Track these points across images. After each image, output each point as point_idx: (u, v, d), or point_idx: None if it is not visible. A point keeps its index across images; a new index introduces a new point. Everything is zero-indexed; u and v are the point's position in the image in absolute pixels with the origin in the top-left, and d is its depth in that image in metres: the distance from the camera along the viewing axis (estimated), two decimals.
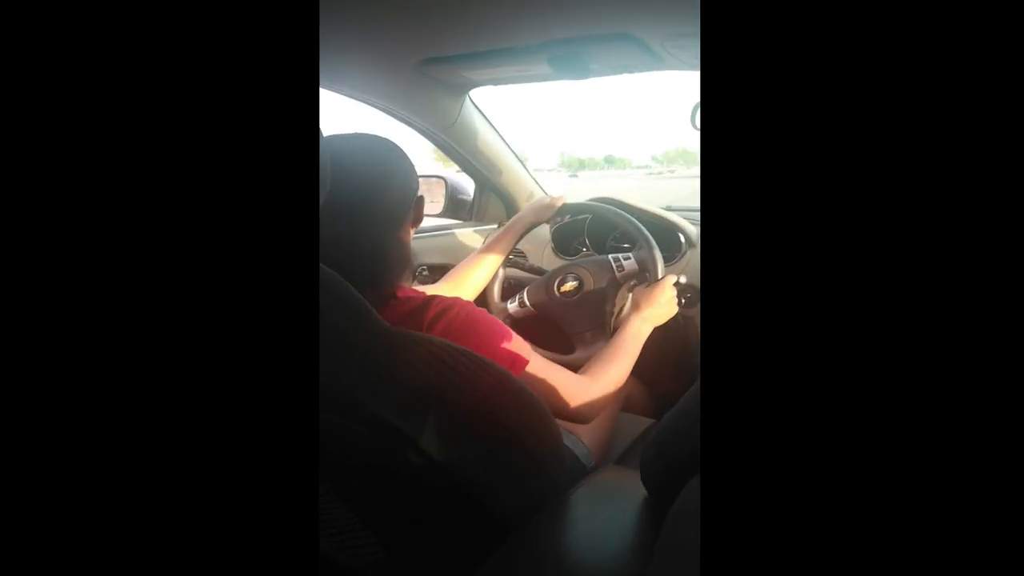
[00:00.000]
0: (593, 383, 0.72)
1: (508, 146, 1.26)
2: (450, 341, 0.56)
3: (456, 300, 0.63)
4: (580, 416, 0.70)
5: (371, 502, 0.55)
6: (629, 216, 0.98)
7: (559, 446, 0.61)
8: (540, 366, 0.66)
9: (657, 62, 0.75)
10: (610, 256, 1.00)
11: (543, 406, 0.57)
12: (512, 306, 1.07)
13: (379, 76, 0.93)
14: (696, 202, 1.32)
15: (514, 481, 0.55)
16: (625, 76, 0.81)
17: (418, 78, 0.93)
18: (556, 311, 1.04)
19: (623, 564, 0.48)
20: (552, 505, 0.56)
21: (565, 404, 0.68)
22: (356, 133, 0.66)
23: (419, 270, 1.27)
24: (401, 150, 0.66)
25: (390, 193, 0.64)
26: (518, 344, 0.65)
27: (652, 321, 0.86)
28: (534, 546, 0.51)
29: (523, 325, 1.08)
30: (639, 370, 1.09)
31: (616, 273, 0.99)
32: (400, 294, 0.64)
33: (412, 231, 0.69)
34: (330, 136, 0.65)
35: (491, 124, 1.19)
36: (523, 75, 0.85)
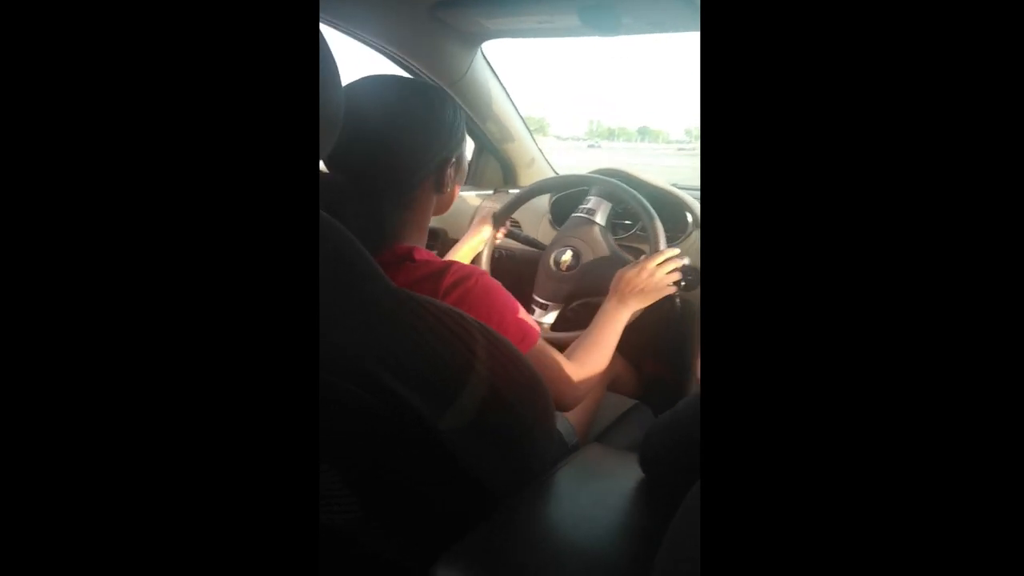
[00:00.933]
0: (579, 371, 0.70)
1: (515, 109, 1.21)
2: (463, 310, 0.54)
3: (474, 269, 0.60)
4: (564, 403, 0.68)
5: (357, 463, 0.52)
6: (630, 189, 0.95)
7: (551, 420, 0.59)
8: (543, 348, 0.64)
9: (697, 20, 0.70)
10: (575, 213, 0.98)
11: (540, 379, 0.55)
12: (547, 320, 1.03)
13: (389, 16, 0.86)
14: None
15: (503, 450, 0.53)
16: (661, 35, 0.76)
17: (430, 22, 0.87)
18: (565, 289, 1.00)
19: (609, 543, 0.48)
20: (539, 481, 0.56)
21: (560, 391, 0.66)
22: (385, 75, 0.61)
23: None
24: (435, 96, 0.61)
25: (404, 146, 0.59)
26: (529, 319, 0.62)
27: (631, 306, 0.82)
28: (520, 521, 0.51)
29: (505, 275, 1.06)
30: (627, 351, 1.07)
31: (589, 218, 0.97)
32: (418, 256, 0.60)
33: (438, 196, 0.64)
34: (355, 81, 0.59)
35: (501, 83, 1.13)
36: (546, 27, 0.80)
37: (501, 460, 0.54)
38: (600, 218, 0.99)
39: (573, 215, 1.02)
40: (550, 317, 1.02)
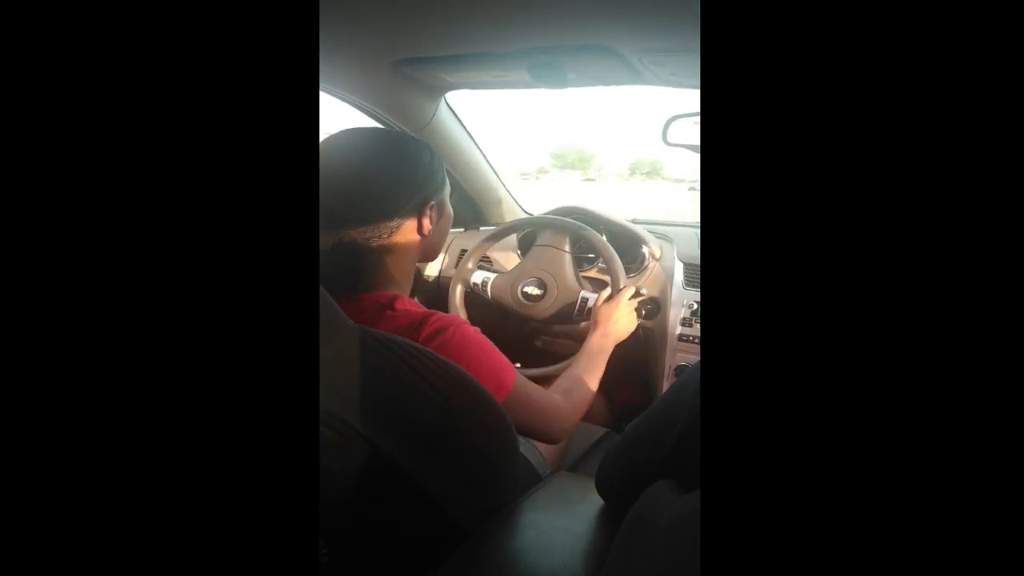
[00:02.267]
0: (565, 404, 0.72)
1: (480, 151, 1.26)
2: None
3: (453, 319, 0.61)
4: (553, 437, 0.70)
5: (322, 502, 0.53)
6: (587, 227, 1.01)
7: (515, 455, 0.61)
8: (523, 387, 0.66)
9: (634, 75, 0.77)
10: (581, 293, 1.02)
11: (503, 413, 0.57)
12: (477, 279, 1.07)
13: (356, 73, 0.92)
14: (660, 215, 1.37)
15: (468, 488, 0.55)
16: (602, 88, 0.83)
17: (394, 77, 0.92)
18: (515, 313, 1.05)
19: (572, 568, 0.48)
20: (506, 511, 0.57)
21: (542, 426, 0.68)
22: (353, 128, 0.63)
23: None
24: (404, 143, 0.63)
25: (379, 193, 0.61)
26: (506, 367, 0.64)
27: (613, 338, 0.88)
28: (486, 551, 0.51)
29: (476, 308, 1.09)
30: (600, 381, 1.11)
31: (580, 302, 1.01)
32: (399, 306, 0.61)
33: (423, 238, 0.65)
34: (330, 136, 0.62)
35: (465, 128, 1.19)
36: (501, 80, 0.86)
37: (467, 494, 0.55)
38: (568, 247, 1.05)
39: (538, 245, 1.07)
40: (479, 288, 1.08)
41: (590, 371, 0.81)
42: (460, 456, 0.53)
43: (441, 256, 1.32)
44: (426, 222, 0.64)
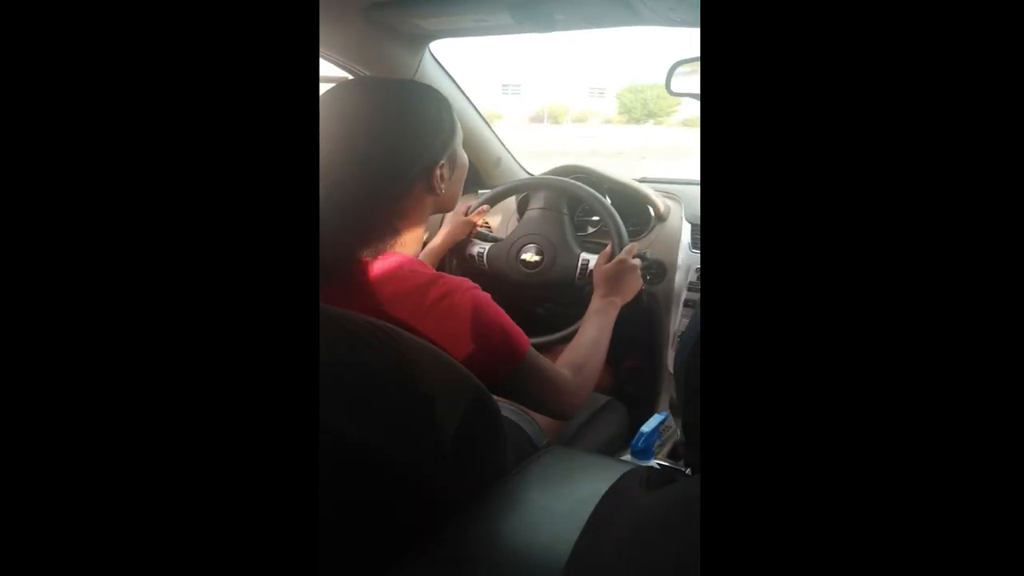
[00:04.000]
0: (575, 379, 0.68)
1: (473, 106, 1.18)
2: (450, 323, 0.55)
3: (463, 282, 0.58)
4: (564, 413, 0.67)
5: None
6: (587, 188, 0.93)
7: (498, 428, 0.58)
8: (535, 359, 0.62)
9: (630, 15, 0.67)
10: (581, 255, 0.95)
11: (482, 388, 0.54)
12: (474, 250, 1.02)
13: (325, 22, 0.84)
14: (671, 174, 1.27)
15: (446, 464, 0.53)
16: (595, 30, 0.74)
17: (369, 26, 0.84)
18: (515, 281, 0.99)
19: (555, 547, 0.47)
20: (496, 485, 0.55)
21: (552, 401, 0.65)
22: (357, 80, 0.63)
23: None
24: (413, 102, 0.58)
25: (384, 149, 0.57)
26: (519, 336, 0.61)
27: (617, 303, 0.82)
28: (473, 530, 0.50)
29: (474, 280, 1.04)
30: None
31: (580, 266, 0.94)
32: (408, 267, 0.58)
33: (432, 199, 0.61)
34: (328, 90, 0.58)
35: (454, 81, 1.10)
36: (482, 26, 0.78)
37: (450, 472, 0.53)
38: (565, 209, 0.98)
39: (532, 208, 1.00)
40: (474, 258, 1.03)
41: (596, 339, 0.76)
42: (434, 433, 0.51)
43: (439, 222, 1.26)
44: (436, 181, 0.60)
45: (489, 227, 1.18)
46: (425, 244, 0.99)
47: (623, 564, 0.30)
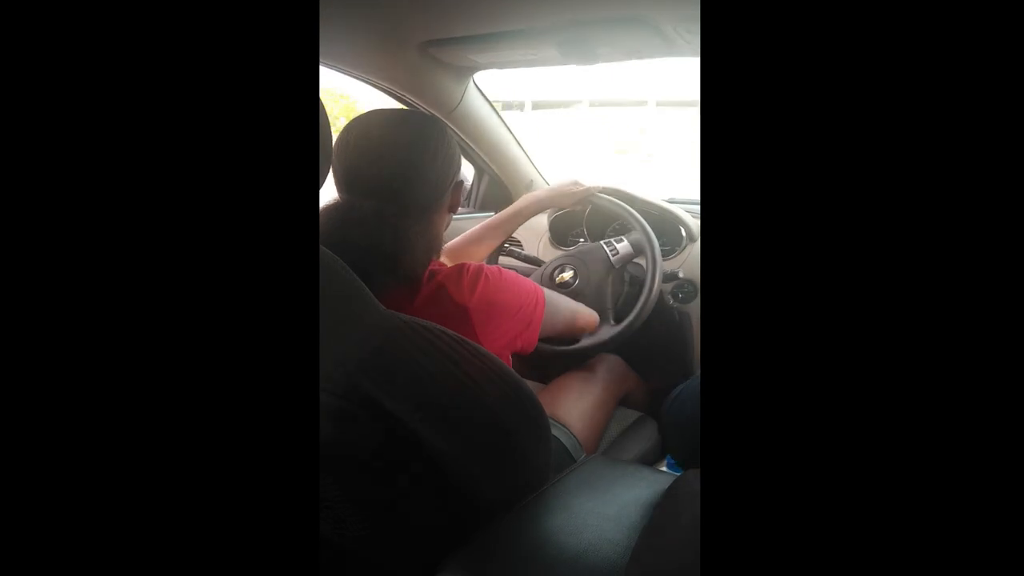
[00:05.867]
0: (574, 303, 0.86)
1: (511, 132, 1.24)
2: (491, 299, 0.62)
3: (480, 265, 0.66)
4: (589, 325, 0.86)
5: (356, 481, 0.54)
6: (624, 204, 0.97)
7: (547, 438, 0.61)
8: (551, 297, 0.76)
9: (668, 47, 0.73)
10: (602, 242, 0.99)
11: (534, 398, 0.57)
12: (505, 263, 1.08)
13: (381, 56, 0.91)
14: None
15: (497, 472, 0.55)
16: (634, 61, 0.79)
17: (422, 59, 0.91)
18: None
19: (599, 549, 0.48)
20: (536, 493, 0.57)
21: (576, 321, 0.82)
22: (396, 109, 0.68)
23: None
24: (443, 130, 0.66)
25: (422, 176, 0.64)
26: (532, 285, 0.71)
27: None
28: (513, 531, 0.52)
29: None
30: (638, 365, 1.09)
31: (611, 257, 0.98)
32: (434, 268, 0.65)
33: (448, 216, 0.70)
34: (372, 111, 0.65)
35: (494, 109, 1.17)
36: (530, 59, 0.84)
37: (495, 476, 0.55)
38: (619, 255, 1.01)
39: (595, 244, 1.03)
40: None
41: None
42: (490, 440, 0.53)
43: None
44: (457, 199, 0.70)
45: (519, 243, 1.22)
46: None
47: (689, 561, 0.31)
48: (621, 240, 0.98)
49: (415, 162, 0.63)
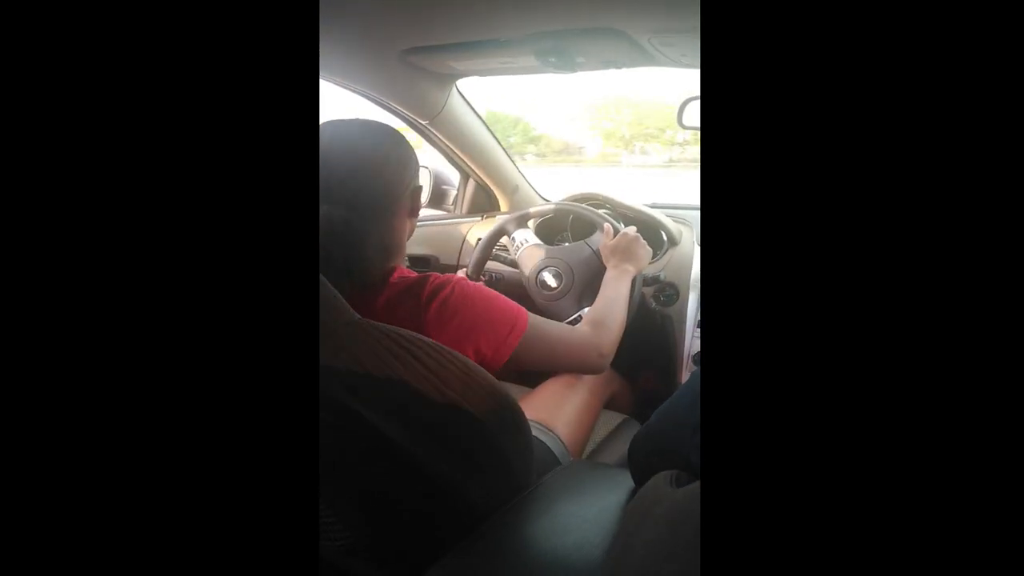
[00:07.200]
0: (593, 332, 0.76)
1: (495, 137, 1.25)
2: (447, 316, 0.60)
3: (451, 277, 0.65)
4: (592, 365, 0.75)
5: (338, 490, 0.55)
6: (588, 208, 1.00)
7: (527, 442, 0.61)
8: (538, 325, 0.69)
9: (644, 58, 0.74)
10: (585, 240, 1.01)
11: (512, 401, 0.57)
12: (490, 270, 1.09)
13: (363, 63, 0.91)
14: (680, 199, 1.33)
15: (479, 477, 0.55)
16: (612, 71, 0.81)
17: (403, 67, 0.91)
18: (536, 305, 1.04)
19: (582, 552, 0.49)
20: (520, 496, 0.57)
21: (574, 357, 0.72)
22: (355, 119, 0.67)
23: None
24: (400, 137, 0.67)
25: (384, 180, 0.65)
26: (515, 310, 0.67)
27: (631, 269, 0.91)
28: (497, 535, 0.52)
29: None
30: (623, 368, 1.10)
31: (598, 257, 0.99)
32: (398, 274, 0.66)
33: (410, 221, 0.71)
34: (328, 121, 0.66)
35: (478, 115, 1.17)
36: (509, 67, 0.85)
37: (478, 481, 0.55)
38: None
39: (576, 244, 1.04)
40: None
41: (613, 298, 0.82)
42: (470, 445, 0.54)
43: (459, 246, 1.32)
44: (417, 205, 0.70)
45: (506, 248, 1.23)
46: None
47: (661, 557, 0.31)
48: (597, 235, 1.00)
49: (364, 167, 0.64)
